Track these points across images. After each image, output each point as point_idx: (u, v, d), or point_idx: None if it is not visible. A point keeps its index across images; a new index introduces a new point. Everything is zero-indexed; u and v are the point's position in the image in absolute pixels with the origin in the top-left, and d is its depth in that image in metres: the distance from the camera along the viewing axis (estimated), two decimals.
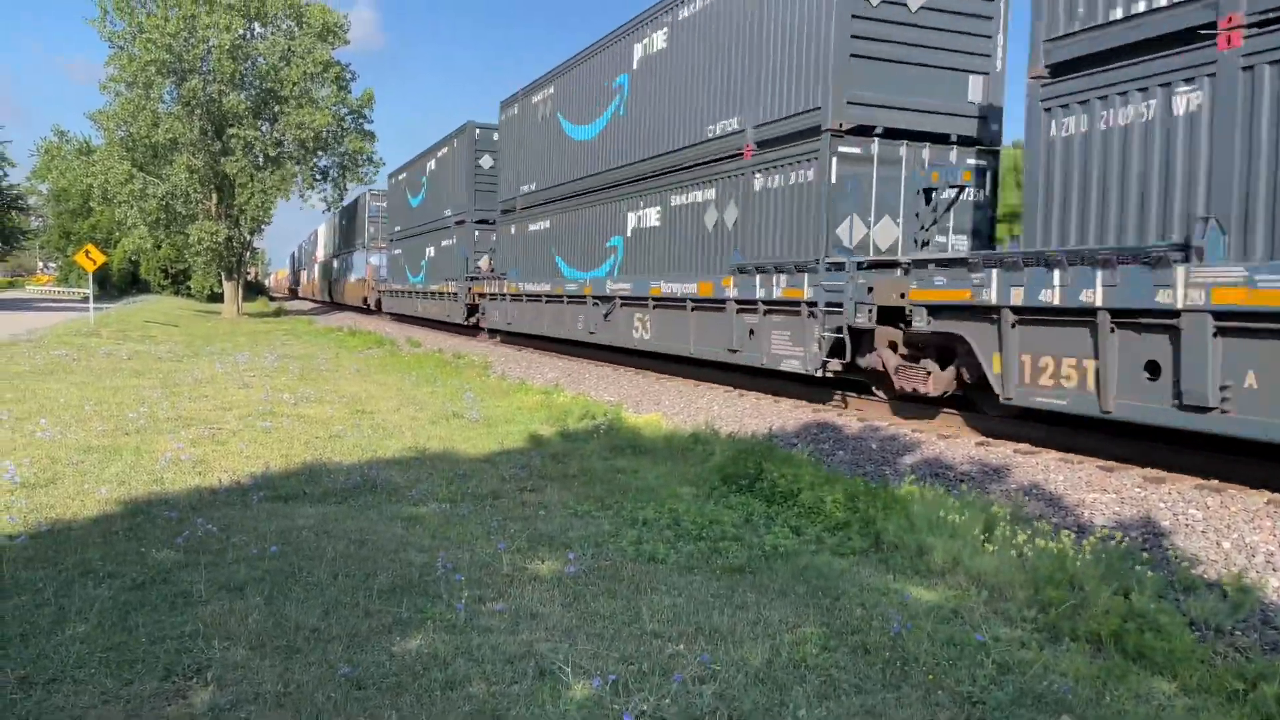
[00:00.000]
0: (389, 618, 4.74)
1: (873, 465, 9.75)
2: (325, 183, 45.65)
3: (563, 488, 8.09)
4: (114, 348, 21.50)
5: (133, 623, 4.56)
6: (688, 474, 8.68)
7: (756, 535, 6.52)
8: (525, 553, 5.98)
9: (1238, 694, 4.22)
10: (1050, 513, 7.72)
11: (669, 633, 4.65)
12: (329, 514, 6.89)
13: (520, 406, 13.26)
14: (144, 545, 5.85)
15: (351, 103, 44.82)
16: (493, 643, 4.44)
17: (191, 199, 41.59)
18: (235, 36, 38.91)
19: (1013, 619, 5.10)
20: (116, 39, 40.05)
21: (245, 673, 4.04)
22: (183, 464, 8.42)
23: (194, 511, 6.71)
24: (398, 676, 4.05)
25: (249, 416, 11.37)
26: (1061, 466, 8.98)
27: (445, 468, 8.64)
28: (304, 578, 5.31)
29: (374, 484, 7.87)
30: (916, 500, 7.01)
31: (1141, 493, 7.98)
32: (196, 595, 4.97)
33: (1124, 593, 5.36)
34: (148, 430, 10.19)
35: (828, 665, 4.32)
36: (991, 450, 9.81)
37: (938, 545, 6.12)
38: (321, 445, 9.64)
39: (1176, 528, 7.17)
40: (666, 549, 6.14)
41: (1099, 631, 4.84)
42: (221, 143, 41.24)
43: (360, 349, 25.01)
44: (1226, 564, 6.43)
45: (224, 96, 39.76)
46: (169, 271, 72.89)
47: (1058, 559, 5.79)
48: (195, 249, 43.64)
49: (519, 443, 10.27)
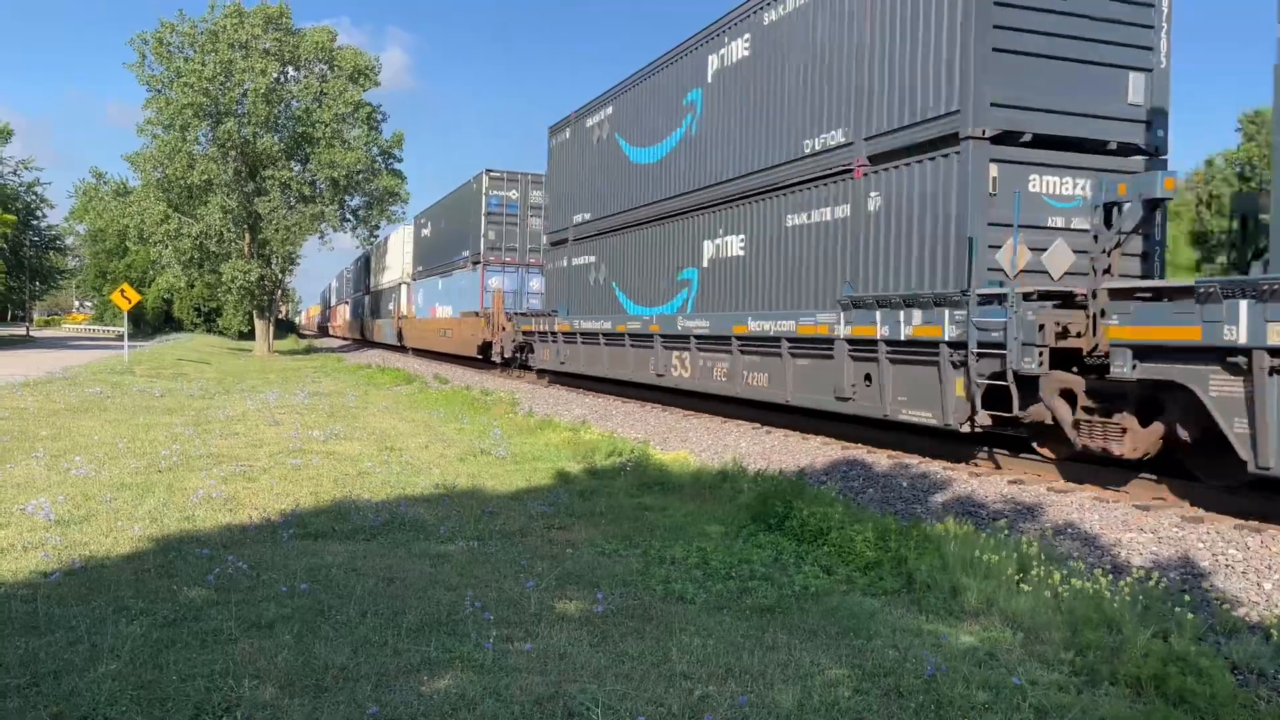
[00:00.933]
0: (417, 657, 4.72)
1: (903, 503, 9.66)
2: (356, 222, 46.29)
3: (590, 525, 8.06)
4: (147, 385, 21.78)
5: (164, 660, 4.58)
6: (716, 512, 8.63)
7: (786, 575, 6.46)
8: (553, 591, 5.95)
9: None
10: (1086, 552, 7.60)
11: (698, 674, 4.60)
12: (358, 551, 6.90)
13: (548, 443, 13.26)
14: (175, 583, 5.88)
15: (382, 143, 45.57)
16: (521, 683, 4.41)
17: (225, 238, 42.30)
18: (270, 80, 39.77)
19: (1050, 661, 5.00)
20: (154, 83, 41.09)
21: (274, 712, 4.04)
22: (214, 501, 8.48)
23: (225, 549, 6.75)
24: (426, 717, 4.03)
25: (279, 454, 11.45)
26: (1096, 505, 8.85)
27: (473, 505, 8.65)
28: (333, 616, 5.31)
29: (402, 521, 7.88)
30: (949, 539, 6.92)
31: (1179, 532, 7.84)
32: (227, 633, 4.98)
33: (1163, 635, 5.25)
34: (180, 467, 10.28)
35: (860, 709, 4.25)
36: (1025, 489, 9.68)
37: (971, 585, 6.03)
38: (350, 482, 9.68)
39: (1216, 568, 7.03)
40: (695, 588, 6.09)
41: (1139, 675, 4.73)
42: (255, 183, 41.99)
43: (389, 385, 25.18)
44: (1268, 606, 6.29)
45: (258, 138, 40.54)
46: (201, 310, 73.93)
47: (1094, 600, 5.69)
48: (228, 287, 44.30)
49: (546, 480, 10.27)
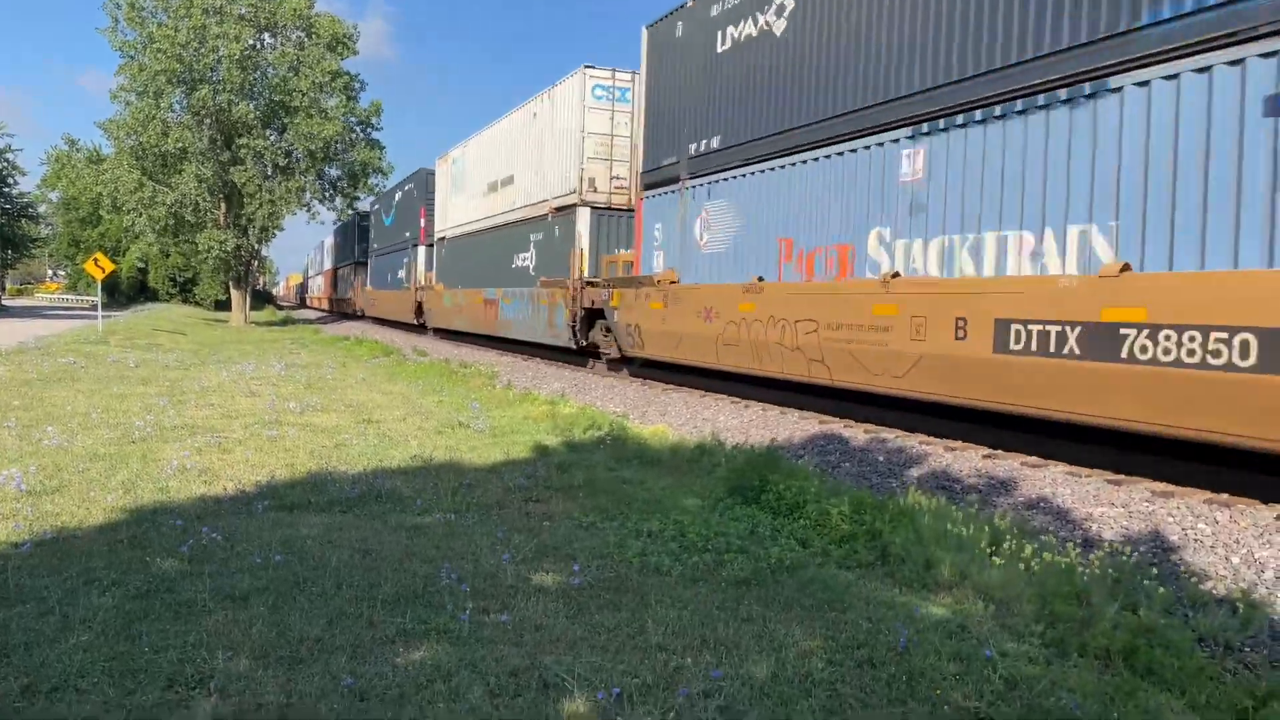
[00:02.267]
0: (393, 628, 4.72)
1: (879, 477, 9.72)
2: (335, 193, 45.77)
3: (568, 498, 8.07)
4: (121, 355, 21.55)
5: (136, 632, 4.55)
6: (693, 485, 8.66)
7: (762, 547, 6.49)
8: (530, 564, 5.96)
9: (1246, 711, 4.18)
10: (1058, 526, 7.68)
11: (674, 645, 4.63)
12: (334, 523, 6.88)
13: (526, 416, 13.25)
14: (148, 554, 5.84)
15: (360, 113, 44.99)
16: (496, 654, 4.42)
17: (200, 208, 41.76)
18: (245, 47, 39.13)
19: (1020, 633, 5.06)
20: (127, 49, 40.31)
21: (248, 683, 4.03)
22: (188, 472, 8.42)
23: (199, 520, 6.71)
24: (401, 688, 4.04)
25: (255, 425, 11.38)
26: (1069, 480, 8.95)
27: (450, 477, 8.63)
28: (308, 587, 5.29)
29: (379, 493, 7.86)
30: (923, 513, 6.97)
31: (1150, 507, 7.94)
32: (200, 605, 4.96)
33: (1132, 608, 5.32)
34: (154, 438, 10.20)
35: (833, 679, 4.29)
36: (999, 464, 9.77)
37: (945, 558, 6.08)
38: (327, 454, 9.63)
39: (1185, 542, 7.13)
40: (672, 561, 6.11)
41: (1107, 647, 4.80)
42: (231, 152, 41.42)
43: (367, 358, 25.05)
44: (1236, 580, 6.39)
45: (233, 106, 39.94)
46: (177, 280, 73.23)
47: (1065, 573, 5.76)
48: (203, 257, 43.80)
49: (524, 453, 10.26)
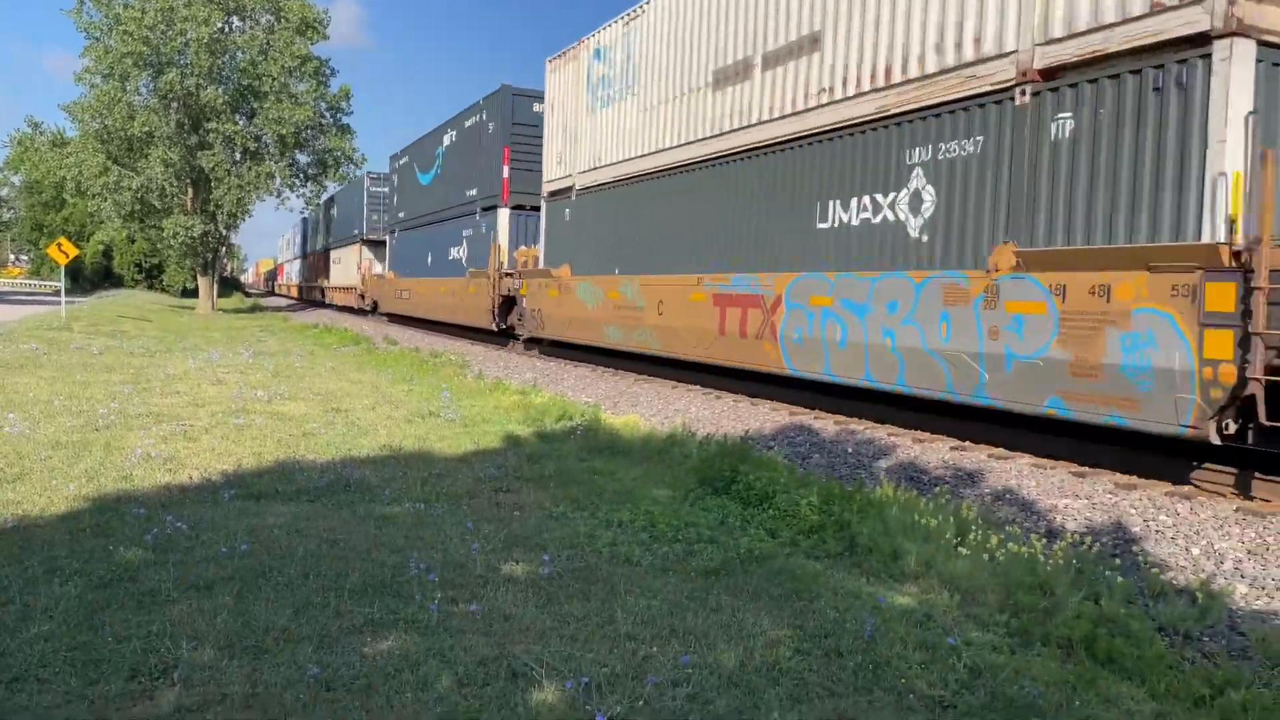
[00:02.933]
0: (360, 618, 4.70)
1: (848, 468, 9.79)
2: (304, 181, 45.26)
3: (539, 489, 8.06)
4: (85, 342, 21.23)
5: (99, 621, 4.50)
6: (664, 476, 8.67)
7: (732, 538, 6.52)
8: (499, 554, 5.95)
9: (1204, 699, 4.25)
10: (1023, 517, 7.78)
11: (643, 635, 4.64)
12: (301, 513, 6.83)
13: (497, 406, 13.20)
14: (112, 543, 5.77)
15: (330, 98, 44.49)
16: (465, 644, 4.41)
17: (167, 193, 41.14)
18: (213, 30, 38.56)
19: (985, 623, 5.12)
20: (93, 30, 39.61)
21: (213, 673, 3.99)
22: (153, 460, 8.32)
23: (163, 509, 6.63)
24: (368, 678, 4.02)
25: (221, 413, 11.26)
26: (1035, 472, 9.05)
27: (420, 467, 8.59)
28: (274, 577, 5.25)
29: (347, 483, 7.80)
30: (891, 504, 7.03)
31: (1113, 499, 8.05)
32: (164, 594, 4.90)
33: (1094, 598, 5.40)
34: (118, 426, 10.07)
35: (801, 668, 4.32)
36: (966, 455, 9.87)
37: (912, 549, 6.14)
38: (295, 443, 9.55)
39: (1147, 534, 7.24)
40: (642, 551, 6.12)
41: (1070, 636, 4.87)
42: (198, 136, 40.83)
43: (336, 346, 24.84)
44: (1195, 570, 6.50)
45: (201, 90, 39.36)
46: (143, 266, 72.23)
47: (1029, 564, 5.83)
48: (170, 243, 43.20)
49: (495, 443, 10.23)
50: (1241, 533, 7.03)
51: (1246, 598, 5.98)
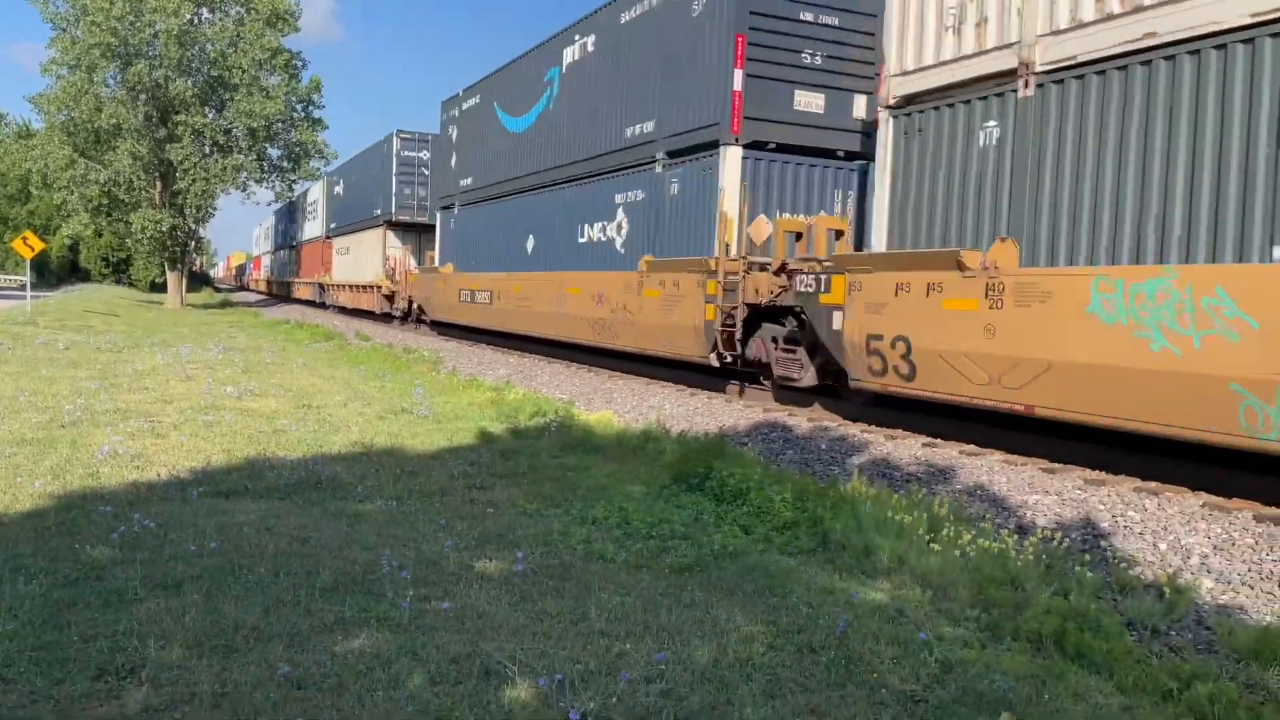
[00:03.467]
0: (331, 616, 4.66)
1: (822, 465, 9.83)
2: (274, 175, 44.84)
3: (512, 485, 8.03)
4: (51, 337, 20.91)
5: (64, 621, 4.43)
6: (638, 472, 8.67)
7: (705, 534, 6.53)
8: (473, 551, 5.92)
9: (1172, 693, 4.31)
10: (994, 513, 7.84)
11: (616, 631, 4.63)
12: (271, 510, 6.76)
13: (471, 403, 13.14)
14: (78, 541, 5.68)
15: (300, 91, 44.10)
16: (438, 642, 4.38)
17: (135, 186, 40.62)
18: (182, 21, 38.08)
19: (956, 618, 5.16)
20: (59, 21, 39.04)
21: (181, 673, 3.94)
22: (120, 458, 8.20)
23: (131, 507, 6.54)
24: (339, 676, 3.98)
25: (190, 410, 11.12)
26: (1005, 468, 9.13)
27: (392, 464, 8.53)
28: (244, 575, 5.19)
29: (319, 480, 7.74)
30: (864, 500, 7.07)
31: (1082, 494, 8.14)
32: (131, 593, 4.84)
33: (1064, 593, 5.45)
34: (85, 423, 9.92)
35: (774, 664, 4.33)
36: (938, 452, 9.94)
37: (884, 545, 6.18)
38: (265, 440, 9.46)
39: (1115, 529, 7.32)
40: (616, 548, 6.11)
41: (1039, 631, 4.91)
42: (167, 129, 40.33)
43: (308, 342, 24.62)
44: (1163, 565, 6.58)
45: (170, 82, 38.87)
46: (110, 260, 71.39)
47: (1000, 559, 5.88)
48: (138, 237, 42.67)
49: (468, 439, 10.18)
50: (1208, 528, 7.13)
51: (1212, 592, 6.07)
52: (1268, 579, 6.18)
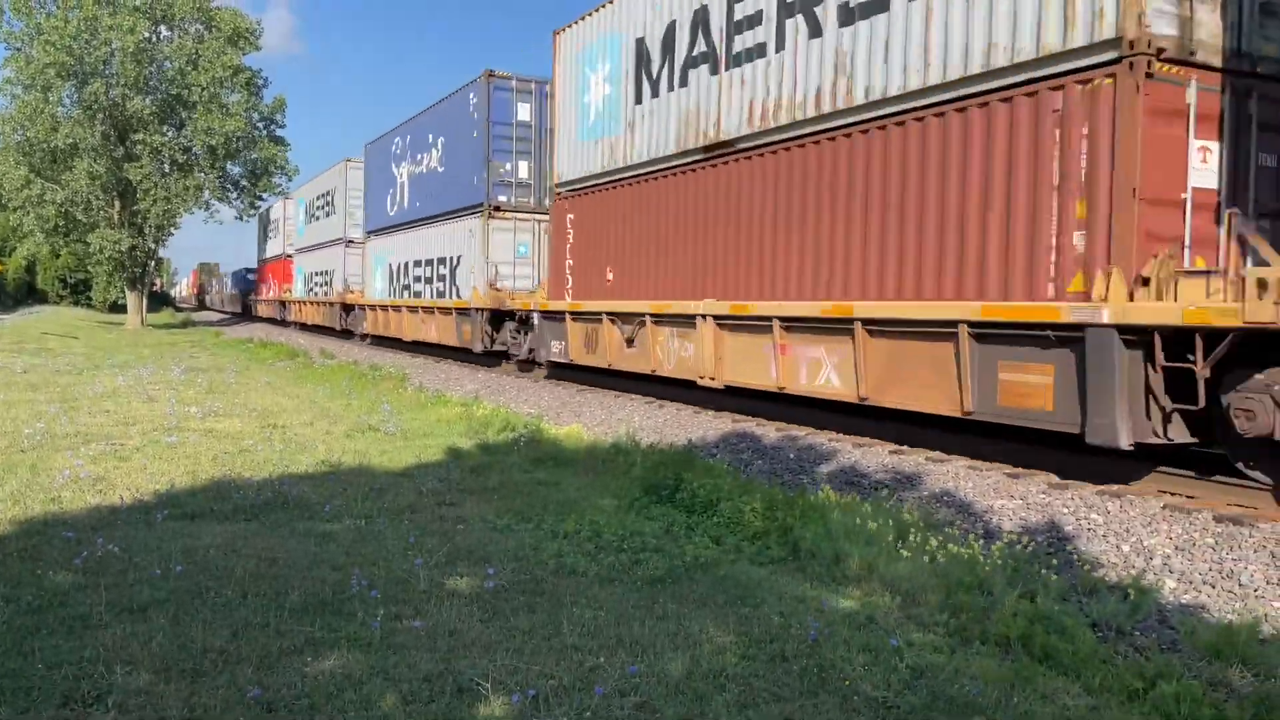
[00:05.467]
0: (301, 638, 4.61)
1: (790, 474, 9.89)
2: (236, 193, 44.40)
3: (482, 501, 8.00)
4: (8, 360, 20.54)
5: (28, 648, 4.35)
6: (609, 485, 8.67)
7: (677, 545, 6.54)
8: (443, 568, 5.89)
9: (1137, 692, 4.38)
10: (961, 518, 7.93)
11: (589, 645, 4.63)
12: (238, 532, 6.68)
13: (439, 419, 13.07)
14: (40, 567, 5.59)
15: (263, 109, 43.76)
16: (409, 661, 4.35)
17: (93, 206, 40.04)
18: (140, 39, 37.66)
19: (925, 623, 5.21)
20: (13, 40, 38.47)
21: (148, 698, 3.89)
22: (82, 481, 8.07)
23: (94, 531, 6.43)
24: (310, 698, 3.94)
25: (153, 431, 10.97)
26: (971, 474, 9.24)
27: (360, 482, 8.47)
28: (211, 598, 5.13)
29: (286, 500, 7.66)
30: (833, 508, 7.12)
31: (1046, 499, 8.26)
32: (96, 619, 4.76)
33: (1030, 596, 5.52)
34: (44, 447, 9.75)
35: (747, 674, 4.35)
36: (905, 459, 10.04)
37: (854, 552, 6.22)
38: (230, 460, 9.35)
39: (1079, 532, 7.43)
40: (587, 561, 6.11)
41: (1007, 634, 4.97)
42: (125, 148, 39.81)
43: (271, 360, 24.37)
44: (1126, 567, 6.69)
45: (128, 101, 38.40)
46: (68, 281, 70.19)
47: (968, 564, 5.95)
48: (97, 258, 42.04)
49: (437, 456, 10.13)
50: (1169, 529, 7.25)
51: (1175, 592, 6.17)
52: (1228, 578, 6.30)
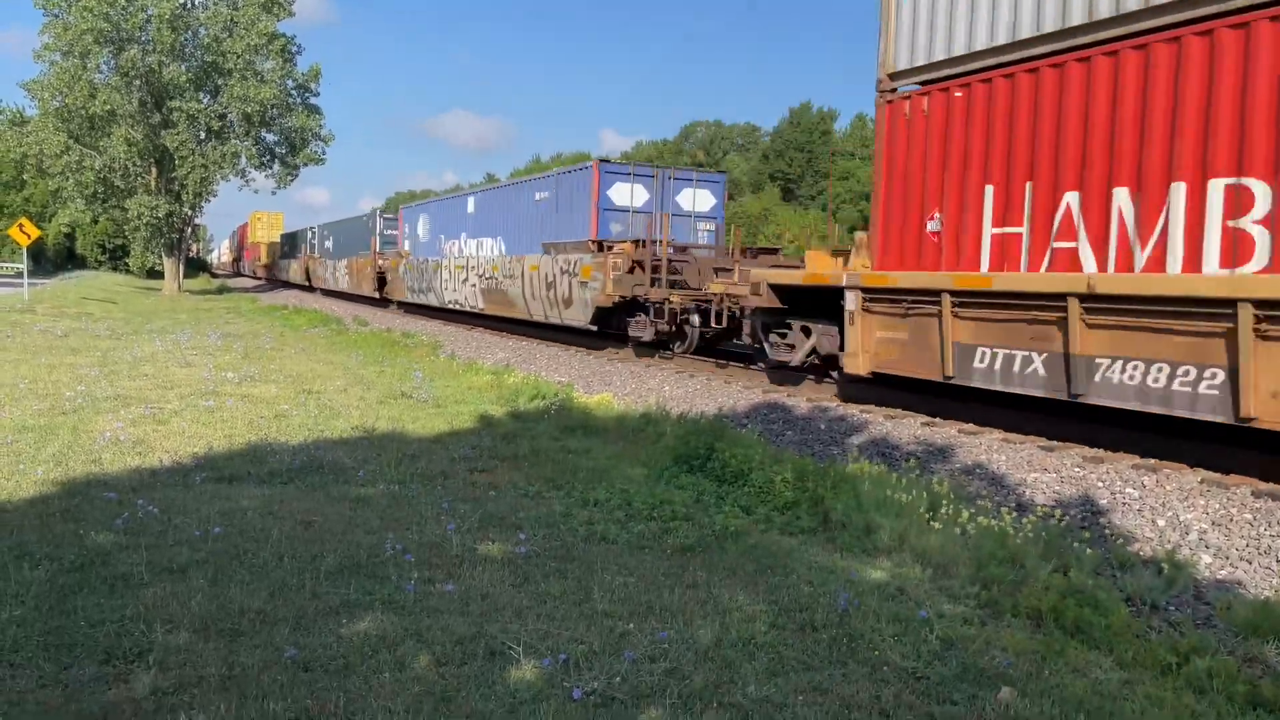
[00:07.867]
0: (336, 599, 4.69)
1: (821, 445, 9.86)
2: (274, 159, 44.60)
3: (513, 468, 8.06)
4: (49, 325, 20.90)
5: (71, 606, 4.46)
6: (639, 454, 8.69)
7: (707, 515, 6.56)
8: (475, 533, 5.95)
9: (1170, 667, 4.35)
10: (993, 491, 7.88)
11: (620, 612, 4.67)
12: (274, 495, 6.79)
13: (470, 387, 13.16)
14: (82, 527, 5.71)
15: (298, 76, 43.83)
16: (442, 624, 4.41)
17: (130, 172, 40.46)
18: (176, 5, 37.83)
19: (956, 595, 5.20)
20: (51, 6, 38.74)
21: (188, 656, 3.97)
22: (122, 444, 8.22)
23: (134, 493, 6.57)
24: (345, 658, 4.01)
25: (191, 395, 11.14)
26: (1004, 446, 9.16)
27: (394, 448, 8.56)
28: (248, 560, 5.22)
29: (320, 464, 7.76)
30: (864, 479, 7.10)
31: (1081, 472, 8.17)
32: (137, 578, 4.86)
33: (1063, 570, 5.49)
34: (85, 409, 9.93)
35: (776, 643, 4.36)
36: (937, 431, 9.97)
37: (884, 524, 6.21)
38: (266, 425, 9.48)
39: (1114, 506, 7.36)
40: (618, 529, 6.15)
41: (1039, 607, 4.95)
42: (161, 115, 40.12)
43: (305, 327, 24.61)
44: (1161, 541, 6.62)
45: (164, 67, 38.63)
46: (106, 247, 71.10)
47: (999, 537, 5.91)
48: (134, 224, 42.52)
49: (469, 423, 10.20)
50: (1206, 504, 7.16)
51: (1211, 567, 6.11)
52: (1266, 554, 6.21)
